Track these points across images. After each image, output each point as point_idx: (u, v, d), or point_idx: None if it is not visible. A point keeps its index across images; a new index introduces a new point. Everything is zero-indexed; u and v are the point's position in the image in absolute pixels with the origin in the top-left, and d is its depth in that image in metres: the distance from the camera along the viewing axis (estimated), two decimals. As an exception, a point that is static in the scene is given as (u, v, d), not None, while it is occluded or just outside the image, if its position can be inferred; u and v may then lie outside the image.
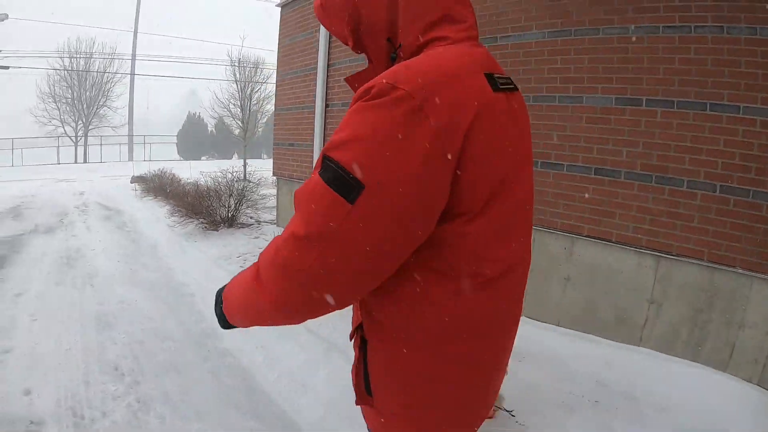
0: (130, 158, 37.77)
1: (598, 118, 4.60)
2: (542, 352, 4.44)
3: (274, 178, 10.25)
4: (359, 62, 6.91)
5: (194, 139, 39.80)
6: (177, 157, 38.20)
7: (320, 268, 1.06)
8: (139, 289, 6.21)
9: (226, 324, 1.35)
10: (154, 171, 15.76)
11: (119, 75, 38.97)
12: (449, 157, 1.05)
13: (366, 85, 1.08)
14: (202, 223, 9.11)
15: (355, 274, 1.08)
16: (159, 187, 13.61)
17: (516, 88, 1.30)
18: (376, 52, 1.29)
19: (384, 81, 1.05)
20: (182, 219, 9.35)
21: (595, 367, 4.10)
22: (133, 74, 39.67)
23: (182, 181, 13.83)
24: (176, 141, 40.40)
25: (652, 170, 4.30)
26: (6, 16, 30.20)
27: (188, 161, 30.33)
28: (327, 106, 7.58)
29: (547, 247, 5.09)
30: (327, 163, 1.06)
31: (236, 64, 22.34)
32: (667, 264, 4.32)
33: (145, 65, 42.86)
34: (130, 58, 39.46)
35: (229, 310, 1.31)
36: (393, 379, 1.26)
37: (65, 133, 37.47)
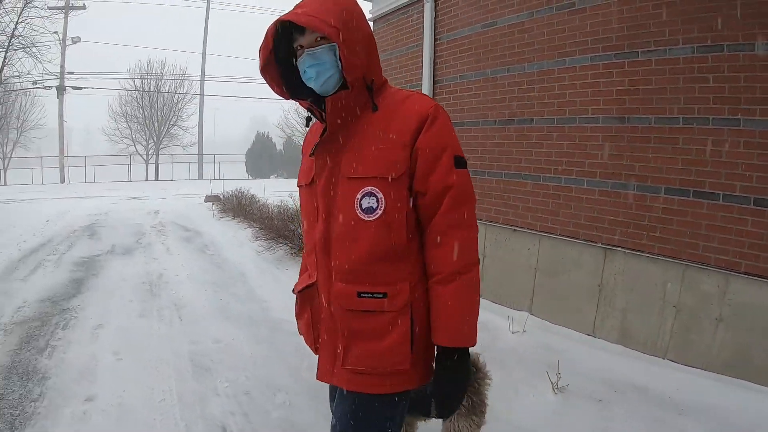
0: (200, 176, 38.25)
1: (758, 143, 3.99)
2: (698, 402, 3.80)
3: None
4: (469, 79, 6.32)
5: (263, 158, 39.95)
6: (245, 175, 38.38)
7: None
8: (235, 326, 5.53)
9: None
10: (229, 191, 15.30)
11: (189, 95, 39.72)
12: None
13: (426, 108, 1.78)
14: (291, 248, 8.45)
15: None
16: (237, 207, 13.14)
17: None
18: (357, 84, 1.76)
19: (434, 105, 1.81)
20: (270, 243, 8.72)
21: (758, 421, 3.55)
22: (202, 95, 40.27)
23: (261, 202, 13.31)
24: (245, 160, 40.58)
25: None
26: (79, 39, 31.25)
27: (261, 180, 30.28)
28: (433, 127, 6.88)
29: (698, 285, 4.39)
30: (460, 159, 1.79)
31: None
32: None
33: (214, 86, 43.61)
34: (199, 78, 40.08)
35: (472, 334, 1.80)
36: (425, 318, 1.82)
37: (137, 151, 38.29)
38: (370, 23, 8.35)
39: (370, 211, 1.74)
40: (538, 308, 5.62)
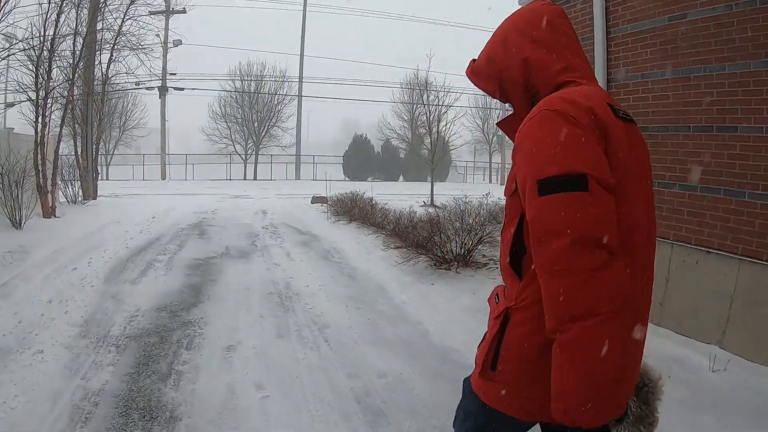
0: (297, 177, 38.20)
1: None
2: None
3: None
4: (654, 78, 5.62)
5: (360, 160, 39.56)
6: (342, 177, 37.95)
7: (605, 249, 1.39)
8: (396, 355, 4.49)
9: None
10: (337, 192, 14.50)
11: (288, 97, 39.77)
12: (599, 142, 1.48)
13: (529, 115, 1.57)
14: (432, 260, 7.38)
15: (613, 237, 1.41)
16: (352, 210, 12.37)
17: (633, 121, 1.68)
18: (518, 100, 1.76)
19: (541, 109, 1.53)
20: (405, 253, 7.67)
21: None
22: (300, 96, 40.12)
23: (380, 206, 12.35)
24: (342, 162, 40.26)
25: None
26: (180, 42, 31.93)
27: (368, 182, 29.81)
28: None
29: None
30: (545, 183, 1.44)
31: (423, 87, 22.69)
32: None
33: (310, 87, 43.80)
34: (297, 80, 39.99)
35: (598, 408, 1.40)
36: (525, 352, 1.57)
37: (235, 151, 38.66)
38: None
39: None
40: (732, 342, 4.88)
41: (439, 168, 33.02)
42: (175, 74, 33.47)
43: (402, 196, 20.40)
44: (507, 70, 1.71)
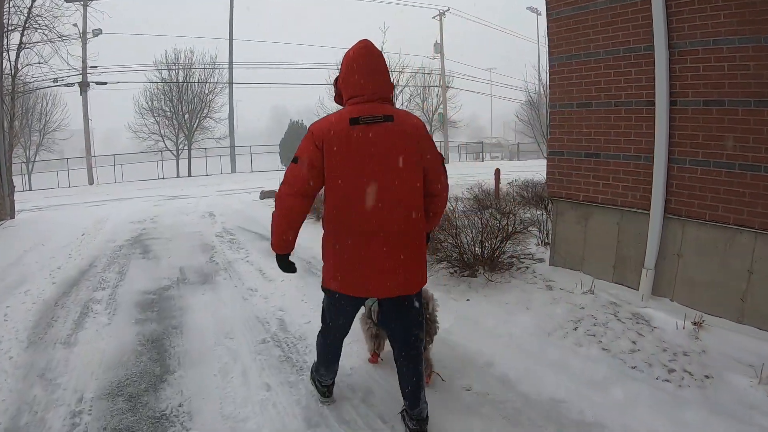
0: (233, 170, 35.79)
1: None
2: None
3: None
4: (731, 46, 4.88)
5: (297, 146, 37.44)
6: (280, 166, 35.73)
7: (289, 188, 2.99)
8: (494, 424, 2.82)
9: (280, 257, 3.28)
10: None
11: (220, 85, 36.93)
12: (318, 149, 2.88)
13: None
14: (452, 266, 5.81)
15: (301, 187, 2.94)
16: (320, 206, 10.44)
17: (384, 121, 2.90)
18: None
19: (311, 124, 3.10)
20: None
21: None
22: (231, 83, 37.36)
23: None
24: (278, 150, 38.04)
25: None
26: (100, 32, 29.21)
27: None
28: (673, 103, 5.14)
29: None
30: (294, 157, 3.01)
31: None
32: None
33: (240, 73, 41.13)
34: (227, 66, 37.24)
35: (273, 244, 3.21)
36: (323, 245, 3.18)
37: (166, 147, 35.80)
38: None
39: None
40: (835, 337, 4.42)
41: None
42: (96, 68, 30.40)
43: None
44: (338, 93, 3.11)
